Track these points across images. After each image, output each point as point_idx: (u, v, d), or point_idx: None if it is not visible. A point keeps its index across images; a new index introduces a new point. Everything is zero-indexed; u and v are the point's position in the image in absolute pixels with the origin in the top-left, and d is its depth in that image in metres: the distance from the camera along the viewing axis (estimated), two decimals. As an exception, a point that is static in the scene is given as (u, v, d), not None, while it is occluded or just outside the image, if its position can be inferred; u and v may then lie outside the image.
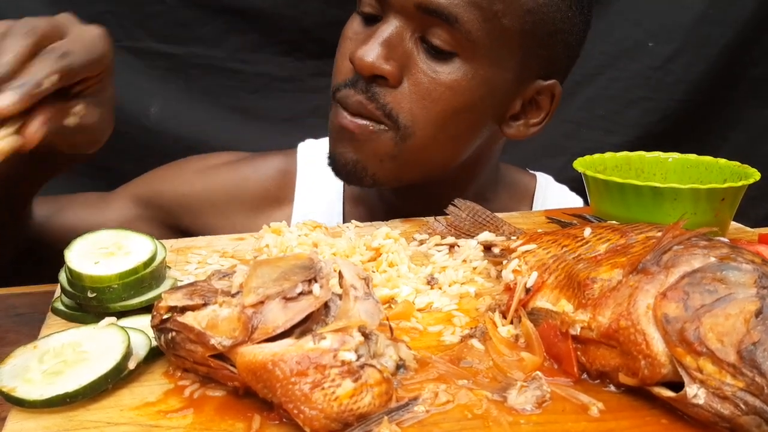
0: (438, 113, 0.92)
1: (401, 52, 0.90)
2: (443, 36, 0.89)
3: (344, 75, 0.95)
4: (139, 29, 1.48)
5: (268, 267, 0.55)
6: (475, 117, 0.96)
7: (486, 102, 0.95)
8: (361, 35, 0.94)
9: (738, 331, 0.47)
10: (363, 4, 0.95)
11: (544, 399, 0.50)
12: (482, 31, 0.89)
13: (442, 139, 0.95)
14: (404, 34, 0.90)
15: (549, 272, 0.62)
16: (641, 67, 1.62)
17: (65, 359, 0.53)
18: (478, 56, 0.90)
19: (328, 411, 0.46)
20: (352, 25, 0.97)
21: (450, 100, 0.91)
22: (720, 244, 0.55)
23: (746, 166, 0.85)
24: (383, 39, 0.89)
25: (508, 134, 1.02)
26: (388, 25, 0.90)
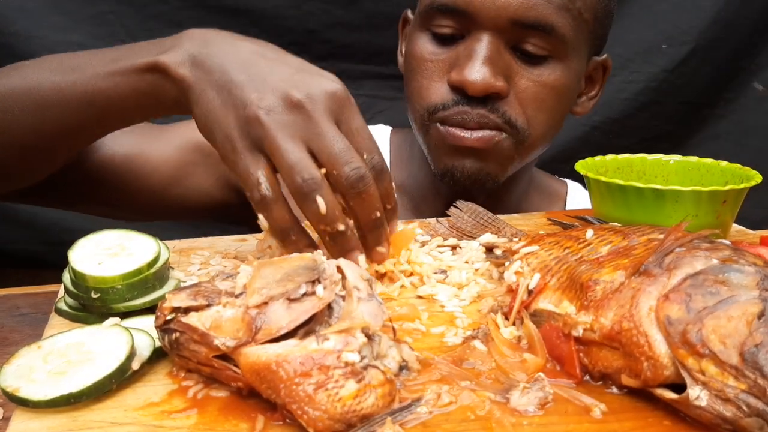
0: (547, 111, 0.99)
1: (502, 65, 0.94)
2: (538, 43, 0.94)
3: (442, 96, 0.97)
4: (142, 30, 1.47)
5: (272, 268, 0.55)
6: (568, 105, 1.05)
7: (575, 90, 1.04)
8: (444, 56, 0.97)
9: (740, 333, 0.47)
10: (436, 25, 0.97)
11: (546, 400, 0.50)
12: (571, 30, 0.94)
13: (549, 132, 1.03)
14: (500, 48, 0.94)
15: (551, 274, 0.62)
16: (656, 70, 1.61)
17: (69, 359, 0.53)
18: (569, 53, 0.96)
19: (332, 412, 0.46)
20: (424, 46, 0.99)
21: (555, 97, 0.98)
22: (722, 247, 0.55)
23: (747, 169, 0.85)
24: (485, 57, 0.93)
25: (576, 112, 1.10)
26: (483, 42, 0.93)
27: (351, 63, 1.57)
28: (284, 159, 0.64)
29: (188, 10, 1.48)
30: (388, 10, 1.53)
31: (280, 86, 0.66)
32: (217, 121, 0.67)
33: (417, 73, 0.99)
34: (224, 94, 0.67)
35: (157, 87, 0.73)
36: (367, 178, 0.65)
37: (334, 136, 0.65)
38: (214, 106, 0.68)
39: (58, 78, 0.78)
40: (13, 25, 1.40)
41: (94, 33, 1.45)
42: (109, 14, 1.46)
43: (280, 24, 1.52)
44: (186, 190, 1.07)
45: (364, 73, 1.58)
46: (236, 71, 0.68)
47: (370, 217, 0.67)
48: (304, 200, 0.64)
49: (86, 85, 0.76)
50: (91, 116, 0.78)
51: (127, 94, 0.75)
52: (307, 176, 0.63)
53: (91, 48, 1.44)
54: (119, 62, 0.75)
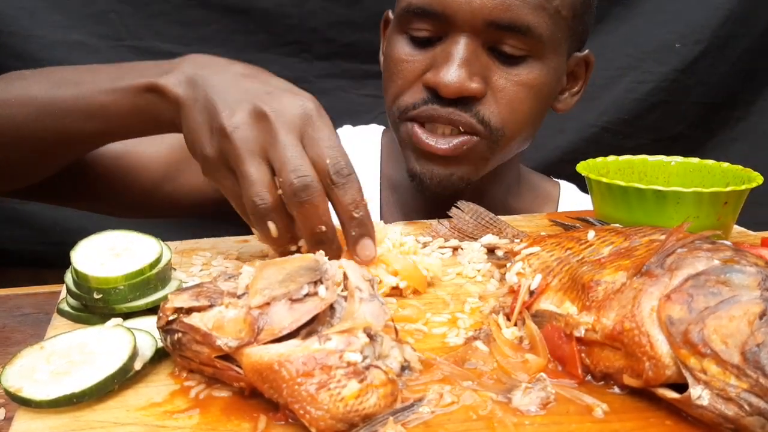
0: (524, 111, 0.98)
1: (479, 67, 0.94)
2: (515, 44, 0.93)
3: (414, 95, 0.97)
4: (144, 29, 1.47)
5: (274, 269, 0.55)
6: (546, 103, 1.04)
7: (554, 88, 1.03)
8: (420, 57, 0.97)
9: (742, 333, 0.47)
10: (413, 28, 0.96)
11: (548, 400, 0.50)
12: (548, 29, 0.94)
13: (525, 131, 1.02)
14: (477, 50, 0.93)
15: (553, 275, 0.62)
16: (668, 69, 1.59)
17: (72, 360, 0.54)
18: (546, 51, 0.96)
19: (334, 411, 0.46)
20: (401, 48, 0.98)
21: (533, 97, 0.98)
22: (723, 247, 0.55)
23: (749, 170, 0.85)
24: (461, 59, 0.92)
25: (558, 109, 1.09)
26: (459, 45, 0.92)
27: (354, 62, 1.56)
28: (243, 179, 0.66)
29: (190, 9, 1.48)
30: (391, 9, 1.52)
31: (251, 102, 0.68)
32: (198, 138, 0.70)
33: (393, 74, 0.99)
34: (205, 113, 0.70)
35: (155, 107, 0.75)
36: (311, 189, 0.65)
37: (289, 144, 0.66)
38: (195, 125, 0.70)
39: (61, 91, 0.81)
40: (12, 24, 1.39)
41: (94, 32, 1.45)
42: (110, 13, 1.45)
43: (282, 23, 1.51)
44: (178, 187, 1.07)
45: (366, 72, 1.57)
46: (218, 92, 0.70)
47: (313, 230, 0.66)
48: (259, 223, 0.67)
49: (87, 99, 0.79)
50: (91, 129, 0.81)
51: (126, 112, 0.77)
52: (259, 201, 0.65)
53: (91, 47, 1.46)
54: (121, 80, 0.78)
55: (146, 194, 1.05)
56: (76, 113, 0.79)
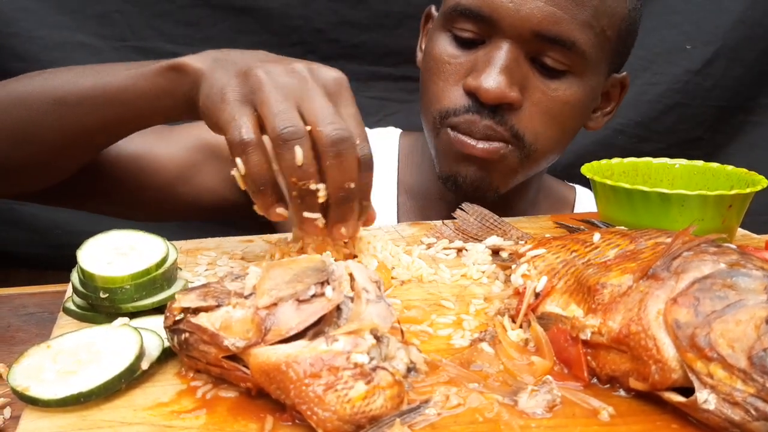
0: (557, 126, 0.98)
1: (519, 76, 0.93)
2: (557, 58, 0.93)
3: (455, 100, 0.97)
4: (148, 29, 1.46)
5: (281, 269, 0.55)
6: (581, 121, 1.04)
7: (590, 106, 1.03)
8: (463, 59, 0.96)
9: (749, 337, 0.47)
10: (458, 28, 0.96)
11: (554, 403, 0.51)
12: (592, 47, 0.93)
13: (557, 147, 1.02)
14: (519, 58, 0.93)
15: (558, 277, 0.62)
16: (679, 71, 1.57)
17: (79, 359, 0.54)
18: (587, 69, 0.95)
19: (341, 413, 0.46)
20: (444, 48, 0.98)
21: (568, 113, 0.98)
22: (730, 251, 0.56)
23: (753, 173, 0.85)
24: (503, 65, 0.92)
25: (589, 127, 1.09)
26: (502, 51, 0.92)
27: (360, 64, 1.53)
28: (271, 107, 0.65)
29: (194, 9, 1.47)
30: (397, 10, 1.49)
31: (285, 61, 0.69)
32: (217, 83, 0.70)
33: (434, 74, 0.99)
34: (232, 68, 0.70)
35: (175, 82, 0.76)
36: (349, 142, 0.65)
37: (325, 102, 0.66)
38: (218, 76, 0.70)
39: (81, 80, 0.82)
40: (15, 25, 1.38)
41: (98, 32, 1.44)
42: (115, 13, 1.44)
43: (287, 23, 1.50)
44: (193, 189, 1.07)
45: (373, 74, 1.54)
46: (248, 57, 0.71)
47: (341, 184, 0.65)
48: (282, 147, 0.64)
49: (106, 85, 0.80)
50: (110, 115, 0.81)
51: (146, 92, 0.78)
52: (289, 124, 0.64)
53: (95, 48, 1.45)
54: (142, 67, 0.78)
55: (161, 195, 1.05)
56: (96, 100, 0.80)
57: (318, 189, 0.65)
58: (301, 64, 0.70)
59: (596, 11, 0.92)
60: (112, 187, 1.01)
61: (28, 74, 0.88)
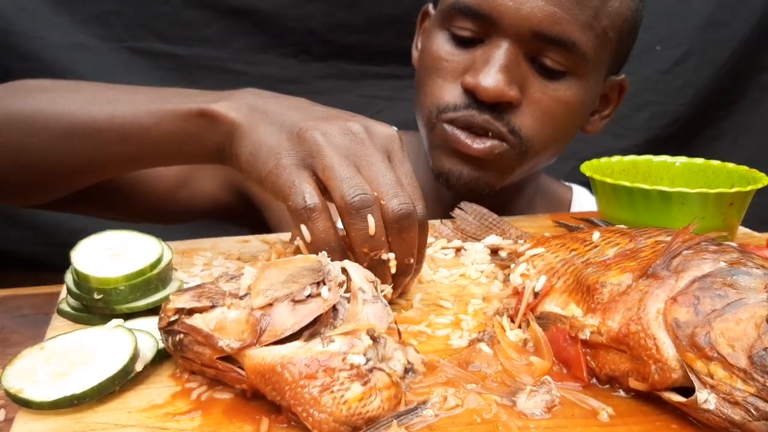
0: (555, 127, 0.96)
1: (518, 75, 0.92)
2: (557, 58, 0.92)
3: (453, 97, 0.96)
4: (144, 30, 1.47)
5: (276, 269, 0.54)
6: (579, 123, 1.03)
7: (588, 108, 1.02)
8: (460, 58, 0.95)
9: (749, 336, 0.47)
10: (457, 26, 0.95)
11: (553, 404, 0.50)
12: (593, 49, 0.93)
13: (554, 146, 1.01)
14: (518, 57, 0.92)
15: (557, 276, 0.62)
16: (649, 70, 1.61)
17: (72, 361, 0.53)
18: (587, 70, 0.95)
19: (337, 414, 0.45)
20: (442, 45, 0.97)
21: (566, 114, 0.96)
22: (730, 249, 0.55)
23: (754, 171, 0.85)
24: (502, 64, 0.91)
25: (586, 130, 1.08)
26: (501, 50, 0.91)
27: (350, 63, 1.58)
28: (335, 173, 0.62)
29: (190, 11, 1.48)
30: (388, 12, 1.54)
31: (337, 120, 0.66)
32: (265, 143, 0.66)
33: (432, 71, 0.98)
34: (278, 125, 0.66)
35: (203, 131, 0.71)
36: (412, 218, 0.62)
37: (387, 168, 0.63)
38: (264, 134, 0.66)
39: (95, 108, 0.76)
40: (16, 25, 1.40)
41: (96, 33, 1.46)
42: (112, 14, 1.46)
43: (281, 24, 1.52)
44: (192, 194, 1.07)
45: (362, 73, 1.58)
46: (293, 112, 0.67)
47: (403, 259, 0.63)
48: (353, 216, 0.61)
49: (125, 119, 0.74)
50: (125, 153, 0.76)
51: (169, 136, 0.73)
52: (360, 192, 0.61)
53: (93, 48, 1.46)
54: (164, 104, 0.73)
55: (162, 201, 1.05)
56: (109, 134, 0.74)
57: (389, 258, 0.63)
58: (356, 123, 0.66)
59: (598, 12, 0.91)
60: (113, 196, 1.00)
61: (27, 86, 0.83)
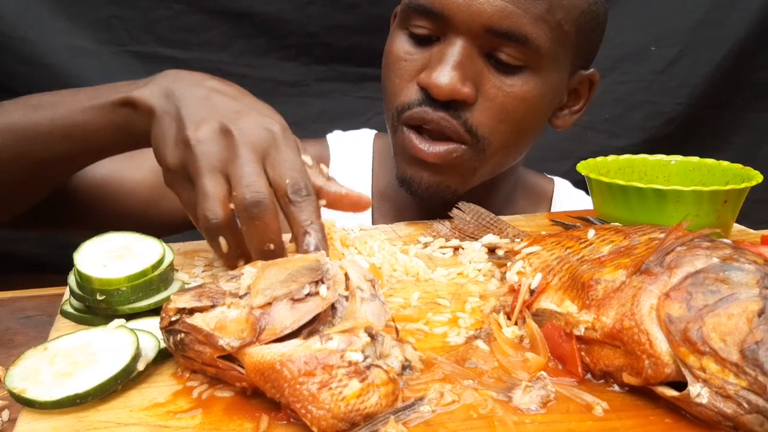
0: (513, 123, 0.95)
1: (473, 72, 0.92)
2: (512, 53, 0.91)
3: (409, 96, 0.95)
4: (145, 34, 1.48)
5: (276, 269, 0.55)
6: (541, 118, 1.01)
7: (550, 103, 1.00)
8: (418, 56, 0.95)
9: (741, 331, 0.47)
10: (414, 25, 0.95)
11: (548, 399, 0.51)
12: (549, 42, 0.91)
13: (514, 144, 0.99)
14: (472, 54, 0.91)
15: (553, 274, 0.63)
16: (644, 70, 1.62)
17: (75, 361, 0.54)
18: (545, 65, 0.93)
19: (336, 411, 0.46)
20: (400, 45, 0.97)
21: (524, 109, 0.95)
22: (722, 245, 0.56)
23: (748, 169, 0.85)
24: (455, 62, 0.90)
25: (556, 125, 1.07)
26: (455, 47, 0.91)
27: (351, 66, 1.59)
28: (199, 192, 0.65)
29: (191, 15, 1.49)
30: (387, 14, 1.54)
31: (218, 119, 0.68)
32: (162, 148, 0.70)
33: (391, 71, 0.98)
34: (173, 124, 0.70)
35: (130, 120, 0.76)
36: (263, 206, 0.64)
37: (247, 161, 0.66)
38: (162, 135, 0.71)
39: (38, 114, 0.82)
40: (18, 30, 1.41)
41: (98, 37, 1.46)
42: (114, 19, 1.46)
43: (282, 27, 1.53)
44: (166, 209, 1.06)
45: (363, 75, 1.59)
46: (188, 105, 0.70)
47: (260, 247, 0.65)
48: (209, 237, 0.66)
49: (64, 120, 0.80)
50: (70, 149, 0.82)
51: (103, 128, 0.78)
52: (211, 216, 0.64)
53: (95, 53, 1.47)
54: (96, 99, 0.78)
55: (133, 218, 1.04)
56: (53, 135, 0.80)
57: None
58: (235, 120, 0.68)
59: (551, 5, 0.90)
60: (83, 213, 1.01)
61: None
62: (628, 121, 1.65)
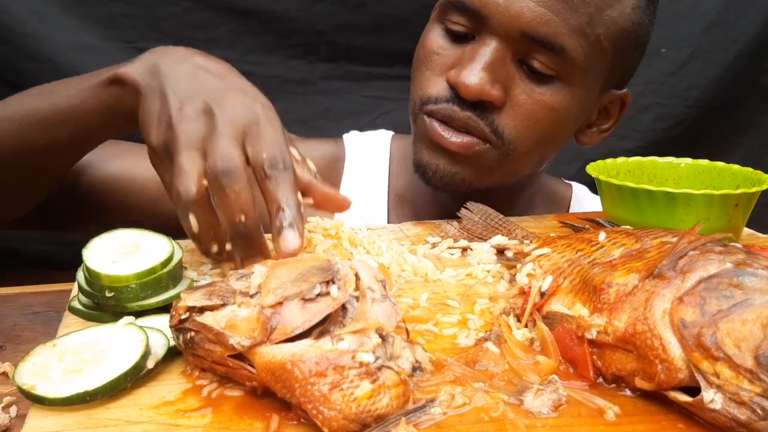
0: (539, 131, 0.94)
1: (503, 75, 0.90)
2: (545, 61, 0.90)
3: (437, 90, 0.95)
4: (153, 31, 1.48)
5: (286, 268, 0.55)
6: (567, 131, 1.00)
7: (578, 116, 0.99)
8: (451, 52, 0.94)
9: (755, 337, 0.47)
10: (451, 21, 0.94)
11: (560, 402, 0.51)
12: (584, 55, 0.90)
13: (538, 152, 0.98)
14: (505, 57, 0.90)
15: (564, 276, 0.62)
16: (654, 72, 1.61)
17: (84, 358, 0.54)
18: (577, 78, 0.92)
19: (347, 412, 0.46)
20: (435, 39, 0.96)
21: (551, 119, 0.93)
22: (735, 250, 0.55)
23: (759, 172, 0.85)
24: (486, 63, 0.89)
25: (582, 141, 1.06)
26: (489, 48, 0.89)
27: (357, 65, 1.58)
28: (175, 169, 0.65)
29: (199, 12, 1.49)
30: (395, 13, 1.54)
31: (201, 98, 0.68)
32: (147, 126, 0.70)
33: (422, 63, 0.97)
34: (157, 102, 0.70)
35: (118, 98, 0.76)
36: (234, 174, 0.63)
37: (224, 136, 0.65)
38: (148, 113, 0.70)
39: (36, 102, 0.83)
40: (27, 27, 1.41)
41: (105, 34, 1.46)
42: (121, 16, 1.46)
43: (289, 26, 1.53)
44: None
45: (369, 74, 1.58)
46: (173, 83, 0.70)
47: (232, 219, 0.64)
48: (180, 214, 0.65)
49: (59, 105, 0.81)
50: (66, 134, 0.82)
51: (94, 109, 0.79)
52: (183, 191, 0.63)
53: (102, 49, 1.47)
54: (87, 81, 0.79)
55: (146, 215, 1.03)
56: (51, 119, 0.81)
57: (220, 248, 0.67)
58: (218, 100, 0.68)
59: (592, 19, 0.89)
60: (93, 211, 1.00)
61: None
62: (638, 123, 1.64)
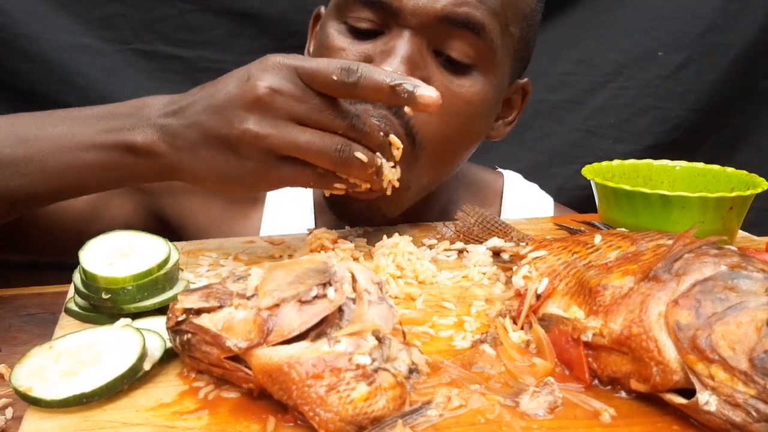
0: (455, 127, 0.87)
1: (421, 68, 0.84)
2: (462, 48, 0.85)
3: None
4: (150, 32, 1.48)
5: (283, 270, 0.55)
6: (480, 126, 0.94)
7: (493, 109, 0.95)
8: (358, 48, 0.86)
9: (750, 339, 0.47)
10: (354, 17, 0.86)
11: (556, 404, 0.51)
12: (499, 39, 0.87)
13: (452, 151, 0.92)
14: (421, 49, 0.84)
15: (560, 279, 0.63)
16: (651, 76, 1.61)
17: (81, 360, 0.54)
18: (493, 66, 0.88)
19: (343, 414, 0.46)
20: (338, 37, 0.88)
21: (468, 113, 0.88)
22: (731, 253, 0.56)
23: (754, 176, 0.85)
24: (404, 56, 0.82)
25: (491, 136, 1.01)
26: (403, 40, 0.83)
27: None
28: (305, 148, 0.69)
29: (195, 14, 1.49)
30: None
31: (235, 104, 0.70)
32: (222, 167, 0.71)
33: None
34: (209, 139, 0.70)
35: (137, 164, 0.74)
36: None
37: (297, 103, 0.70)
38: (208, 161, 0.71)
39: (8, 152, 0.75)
40: (22, 27, 1.41)
41: (102, 35, 1.46)
42: (117, 17, 1.46)
43: (285, 28, 1.53)
44: (108, 223, 0.98)
45: None
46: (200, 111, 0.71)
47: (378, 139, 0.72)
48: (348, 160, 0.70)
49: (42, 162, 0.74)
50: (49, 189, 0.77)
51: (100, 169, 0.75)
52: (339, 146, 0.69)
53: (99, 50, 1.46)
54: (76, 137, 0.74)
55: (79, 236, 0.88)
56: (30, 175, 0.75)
57: None
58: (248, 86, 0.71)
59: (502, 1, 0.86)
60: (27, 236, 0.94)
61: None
62: (634, 127, 1.64)
